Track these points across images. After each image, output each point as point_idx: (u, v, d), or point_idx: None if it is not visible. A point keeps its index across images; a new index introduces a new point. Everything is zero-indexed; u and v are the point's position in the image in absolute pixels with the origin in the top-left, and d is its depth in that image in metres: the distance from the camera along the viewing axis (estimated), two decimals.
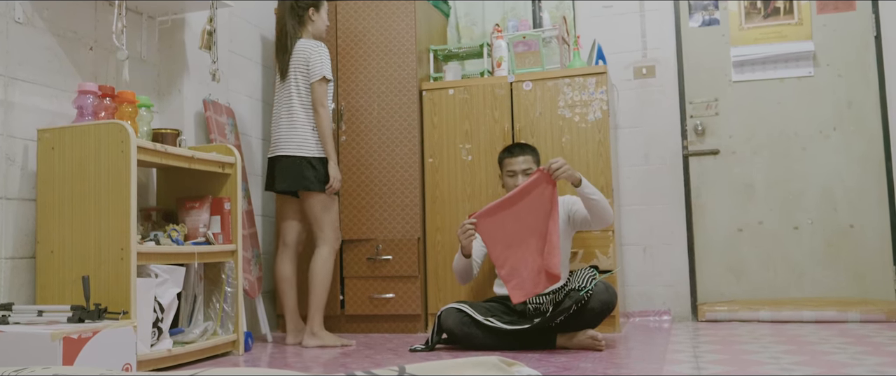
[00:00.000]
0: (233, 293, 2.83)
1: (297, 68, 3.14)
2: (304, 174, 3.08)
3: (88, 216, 2.35)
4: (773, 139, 3.80)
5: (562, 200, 3.01)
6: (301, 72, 3.13)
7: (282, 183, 3.12)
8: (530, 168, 3.06)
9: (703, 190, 3.88)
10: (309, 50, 3.13)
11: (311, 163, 3.09)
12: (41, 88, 2.53)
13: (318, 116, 3.09)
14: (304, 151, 3.09)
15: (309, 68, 3.11)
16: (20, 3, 2.44)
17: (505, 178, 3.12)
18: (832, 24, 3.76)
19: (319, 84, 3.09)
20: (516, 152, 3.10)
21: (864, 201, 3.66)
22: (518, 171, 3.06)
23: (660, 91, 3.89)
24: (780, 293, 3.73)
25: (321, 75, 3.08)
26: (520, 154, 3.09)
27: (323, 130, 3.10)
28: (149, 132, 2.67)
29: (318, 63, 3.09)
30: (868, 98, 3.69)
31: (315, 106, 3.10)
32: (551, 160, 2.82)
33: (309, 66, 3.11)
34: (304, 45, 3.15)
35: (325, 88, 3.11)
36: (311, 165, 3.09)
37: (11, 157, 2.41)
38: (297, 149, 3.09)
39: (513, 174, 3.07)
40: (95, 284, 2.29)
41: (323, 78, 3.09)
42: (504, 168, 3.12)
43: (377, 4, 3.62)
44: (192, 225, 2.79)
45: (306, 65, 3.12)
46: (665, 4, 3.92)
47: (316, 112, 3.10)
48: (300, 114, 3.12)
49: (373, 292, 3.50)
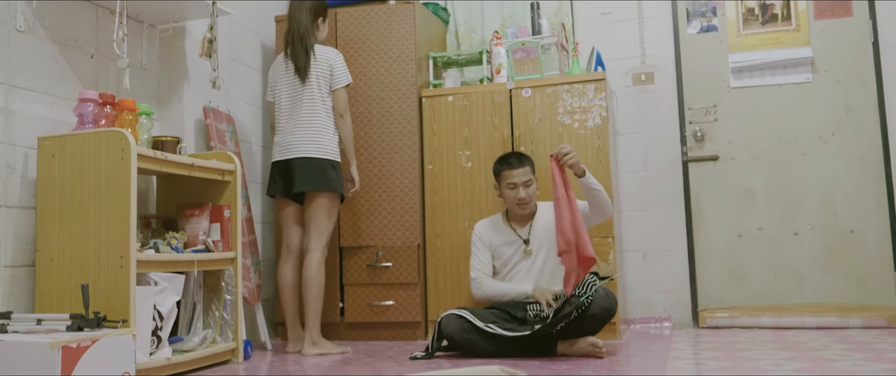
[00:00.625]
0: (232, 301, 2.83)
1: (321, 73, 3.18)
2: (328, 175, 3.12)
3: (88, 224, 2.35)
4: (772, 145, 3.81)
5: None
6: (324, 77, 3.18)
7: (304, 183, 3.09)
8: (530, 180, 3.09)
9: (702, 196, 3.88)
10: (331, 56, 3.21)
11: (333, 165, 3.15)
12: (42, 96, 2.53)
13: (343, 121, 3.20)
14: (328, 154, 3.14)
15: (333, 74, 3.19)
16: (22, 12, 2.45)
17: (505, 190, 3.13)
18: (830, 31, 3.77)
19: (344, 91, 3.20)
20: (515, 164, 3.11)
21: (864, 206, 3.67)
22: (519, 184, 3.08)
23: (659, 97, 3.90)
24: (780, 299, 3.73)
25: (347, 82, 3.21)
26: (519, 166, 3.10)
27: (348, 135, 3.23)
28: (149, 140, 2.67)
29: (342, 71, 3.21)
30: (866, 103, 3.70)
31: (340, 111, 3.19)
32: (561, 145, 2.91)
33: (333, 72, 3.19)
34: (326, 52, 3.21)
35: (346, 95, 3.22)
36: (333, 168, 3.15)
37: (12, 165, 2.41)
38: (322, 151, 3.12)
39: (513, 187, 3.09)
40: (95, 292, 2.28)
41: (347, 85, 3.21)
42: (503, 180, 3.13)
43: (377, 11, 3.63)
44: (192, 232, 2.79)
45: (330, 71, 3.19)
46: (663, 11, 3.93)
47: (341, 117, 3.19)
48: (323, 118, 3.16)
49: (373, 299, 3.50)
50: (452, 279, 3.46)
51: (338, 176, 3.16)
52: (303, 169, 3.10)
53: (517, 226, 3.16)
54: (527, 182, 3.08)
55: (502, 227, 3.19)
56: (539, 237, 3.11)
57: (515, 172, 3.09)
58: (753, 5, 3.88)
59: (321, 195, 3.14)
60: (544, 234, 3.09)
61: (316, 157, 3.11)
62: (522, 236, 3.13)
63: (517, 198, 3.09)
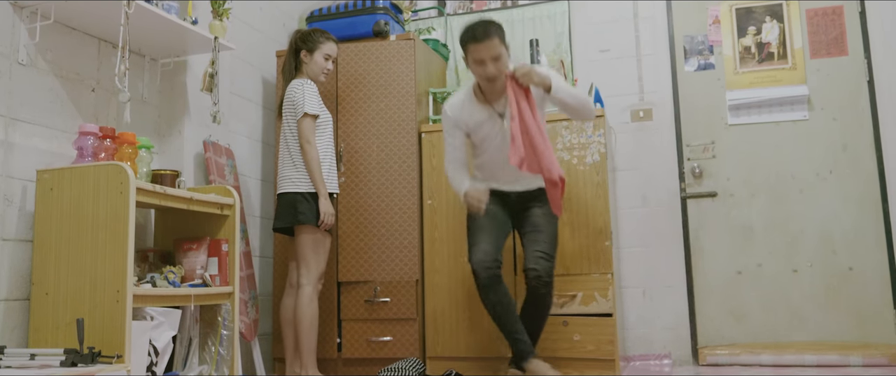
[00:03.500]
0: (229, 336, 2.80)
1: (288, 109, 3.18)
2: (297, 209, 3.08)
3: (85, 257, 2.33)
4: (770, 182, 3.82)
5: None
6: (289, 110, 3.17)
7: (278, 220, 3.16)
8: (498, 54, 2.80)
9: (701, 232, 3.87)
10: (295, 88, 3.17)
11: (305, 197, 3.10)
12: (42, 129, 2.53)
13: (303, 152, 3.10)
14: (298, 187, 3.10)
15: (295, 107, 3.14)
16: (25, 45, 2.46)
17: (471, 65, 2.85)
18: (826, 69, 3.81)
19: (306, 119, 3.10)
20: (481, 36, 2.77)
21: (863, 244, 3.66)
22: (486, 59, 2.79)
23: (657, 134, 3.92)
24: (781, 336, 3.70)
25: (307, 111, 3.09)
26: (484, 38, 2.76)
27: (309, 165, 3.08)
28: (148, 173, 2.67)
29: (301, 100, 3.11)
30: (863, 141, 3.72)
31: (301, 142, 3.10)
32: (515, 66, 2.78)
33: (295, 104, 3.14)
34: (294, 85, 3.19)
35: (310, 124, 3.11)
36: (305, 199, 3.10)
37: (9, 198, 2.40)
38: (292, 185, 3.11)
39: (480, 62, 2.81)
40: (90, 327, 2.26)
41: (305, 114, 3.09)
42: (469, 54, 2.84)
43: (377, 47, 3.66)
44: (190, 266, 2.77)
45: (292, 103, 3.15)
46: (661, 49, 3.97)
47: (302, 148, 3.10)
48: (292, 151, 3.15)
49: (370, 335, 3.46)
50: (451, 315, 3.43)
51: (310, 206, 3.09)
52: (278, 205, 3.16)
53: (493, 100, 2.96)
54: (495, 56, 2.79)
55: (475, 105, 2.98)
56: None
57: (481, 47, 2.77)
58: (750, 44, 3.93)
59: (299, 230, 3.13)
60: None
61: (288, 192, 3.11)
62: (498, 110, 2.96)
63: (486, 74, 2.82)
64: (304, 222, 3.08)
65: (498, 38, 2.81)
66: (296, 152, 3.13)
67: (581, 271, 3.31)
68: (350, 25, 3.72)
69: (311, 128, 3.10)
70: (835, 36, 3.81)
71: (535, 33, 4.12)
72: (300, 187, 3.09)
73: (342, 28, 3.71)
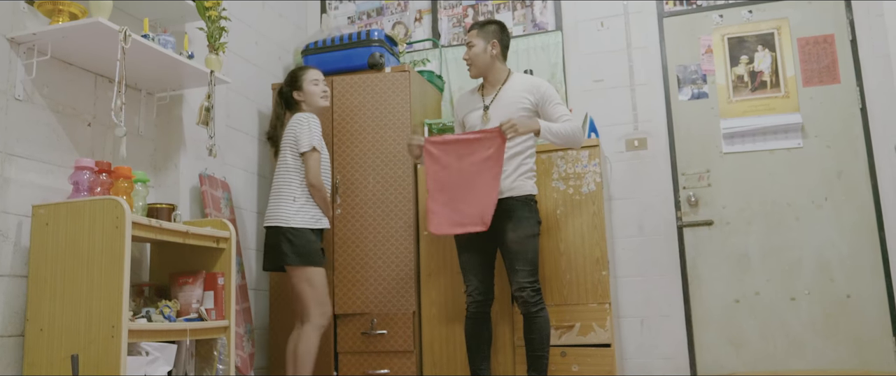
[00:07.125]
0: (224, 370, 2.77)
1: (287, 141, 3.18)
2: (280, 249, 3.09)
3: (80, 293, 2.32)
4: (766, 210, 3.82)
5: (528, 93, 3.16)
6: (289, 145, 3.17)
7: (266, 260, 3.17)
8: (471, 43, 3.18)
9: (698, 260, 3.87)
10: (299, 121, 3.18)
11: (287, 236, 3.08)
12: (38, 164, 2.53)
13: (312, 188, 3.12)
14: (280, 222, 3.10)
15: (297, 141, 3.15)
16: (21, 81, 2.47)
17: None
18: (818, 97, 3.84)
19: (310, 156, 3.12)
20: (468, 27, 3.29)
21: (860, 271, 3.66)
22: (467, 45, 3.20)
23: (652, 162, 3.93)
24: (780, 365, 3.68)
25: (308, 147, 3.12)
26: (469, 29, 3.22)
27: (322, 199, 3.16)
28: (144, 207, 2.66)
29: (301, 135, 3.13)
30: (857, 168, 3.74)
31: (309, 178, 3.11)
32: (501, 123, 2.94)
33: (297, 138, 3.15)
34: (296, 118, 3.20)
35: (316, 158, 3.13)
36: (287, 239, 3.08)
37: (5, 234, 2.39)
38: (276, 219, 3.12)
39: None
40: (85, 363, 2.24)
41: (313, 148, 3.12)
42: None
43: (373, 79, 3.68)
44: (185, 300, 2.75)
45: (294, 137, 3.16)
46: (654, 78, 4.01)
47: (310, 184, 3.12)
48: (282, 185, 3.15)
49: (367, 368, 3.43)
50: (448, 347, 3.41)
51: (293, 247, 3.08)
52: (265, 241, 3.17)
53: (486, 93, 3.24)
54: (469, 44, 3.18)
55: (474, 96, 3.29)
56: (501, 107, 3.14)
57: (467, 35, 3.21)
58: (742, 72, 3.96)
59: (288, 270, 3.13)
60: (506, 106, 3.13)
61: (272, 226, 3.12)
62: (485, 102, 3.19)
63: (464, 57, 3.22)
64: (288, 263, 3.08)
65: (475, 30, 3.22)
66: (283, 184, 3.14)
67: (579, 301, 3.30)
68: (345, 58, 3.75)
69: (317, 162, 3.13)
70: (827, 64, 3.85)
71: (529, 64, 4.16)
72: (281, 221, 3.10)
73: (337, 61, 3.74)
